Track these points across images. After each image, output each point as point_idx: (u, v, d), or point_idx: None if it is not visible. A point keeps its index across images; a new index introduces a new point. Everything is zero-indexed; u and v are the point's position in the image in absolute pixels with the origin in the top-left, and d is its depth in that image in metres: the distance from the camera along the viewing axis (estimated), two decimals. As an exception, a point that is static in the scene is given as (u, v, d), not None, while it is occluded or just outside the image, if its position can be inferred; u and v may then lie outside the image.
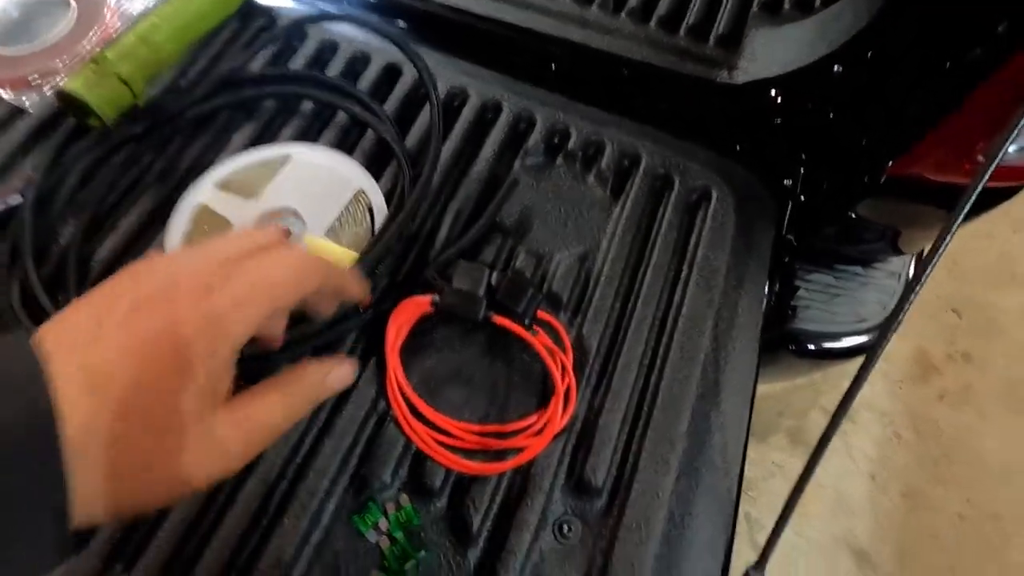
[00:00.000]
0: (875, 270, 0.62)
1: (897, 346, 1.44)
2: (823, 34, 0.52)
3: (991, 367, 1.37)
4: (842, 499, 1.23)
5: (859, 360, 0.41)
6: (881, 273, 0.62)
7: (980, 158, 0.41)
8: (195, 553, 0.35)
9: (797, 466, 0.67)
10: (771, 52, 0.56)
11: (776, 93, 0.54)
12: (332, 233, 0.44)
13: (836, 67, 0.49)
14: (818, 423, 1.23)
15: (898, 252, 0.61)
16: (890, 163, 0.45)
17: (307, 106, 0.51)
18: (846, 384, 0.38)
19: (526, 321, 0.40)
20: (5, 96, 0.47)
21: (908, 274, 0.62)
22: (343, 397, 0.39)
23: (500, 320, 0.40)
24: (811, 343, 0.59)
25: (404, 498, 0.37)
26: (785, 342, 0.60)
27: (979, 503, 1.22)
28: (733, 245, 0.46)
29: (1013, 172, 0.42)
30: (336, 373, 0.28)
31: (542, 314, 0.42)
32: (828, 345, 0.59)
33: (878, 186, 0.47)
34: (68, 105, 0.44)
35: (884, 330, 0.37)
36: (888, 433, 1.31)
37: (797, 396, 1.33)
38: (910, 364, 1.39)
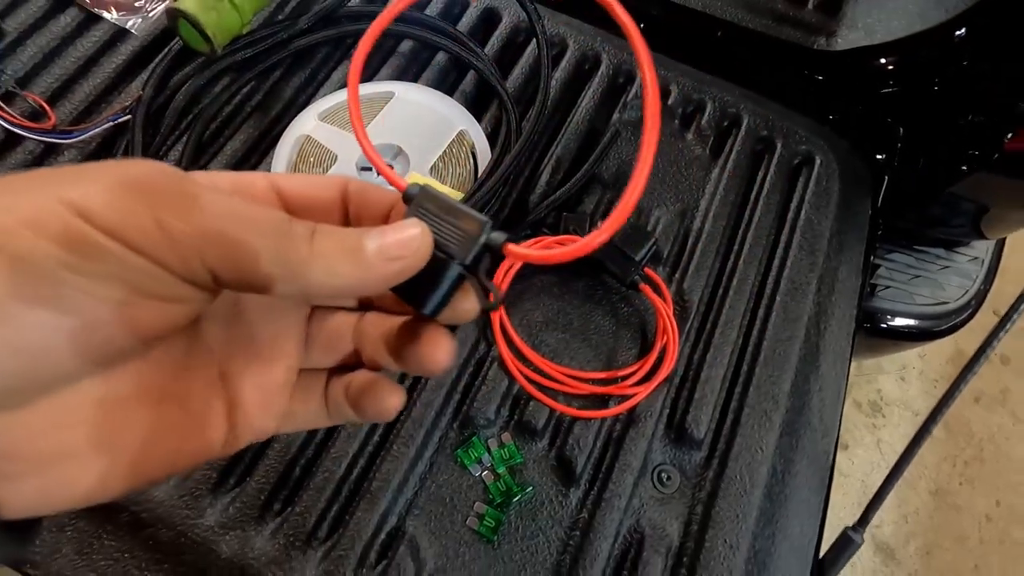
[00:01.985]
0: (957, 254, 0.61)
1: (936, 345, 1.42)
2: (939, 1, 0.50)
3: (1029, 372, 1.36)
4: (869, 492, 1.23)
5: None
6: (963, 257, 0.61)
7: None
8: (305, 471, 0.35)
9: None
10: (874, 18, 0.54)
11: (879, 62, 0.53)
12: (435, 173, 0.43)
13: (957, 33, 0.47)
14: (848, 416, 1.22)
15: (981, 236, 0.60)
16: (1009, 136, 0.44)
17: (406, 45, 0.50)
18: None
19: (639, 273, 0.39)
20: (109, 17, 0.47)
21: (989, 260, 0.61)
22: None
23: (645, 287, 0.40)
24: (886, 323, 0.58)
25: (507, 436, 0.37)
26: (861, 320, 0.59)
27: (1008, 505, 1.22)
28: (836, 212, 0.46)
29: None
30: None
31: (646, 269, 0.41)
32: (903, 323, 0.58)
33: (990, 162, 0.46)
34: (177, 26, 0.44)
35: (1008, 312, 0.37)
36: (920, 431, 1.30)
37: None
38: (947, 364, 1.38)
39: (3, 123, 0.42)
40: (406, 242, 0.16)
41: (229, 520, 0.33)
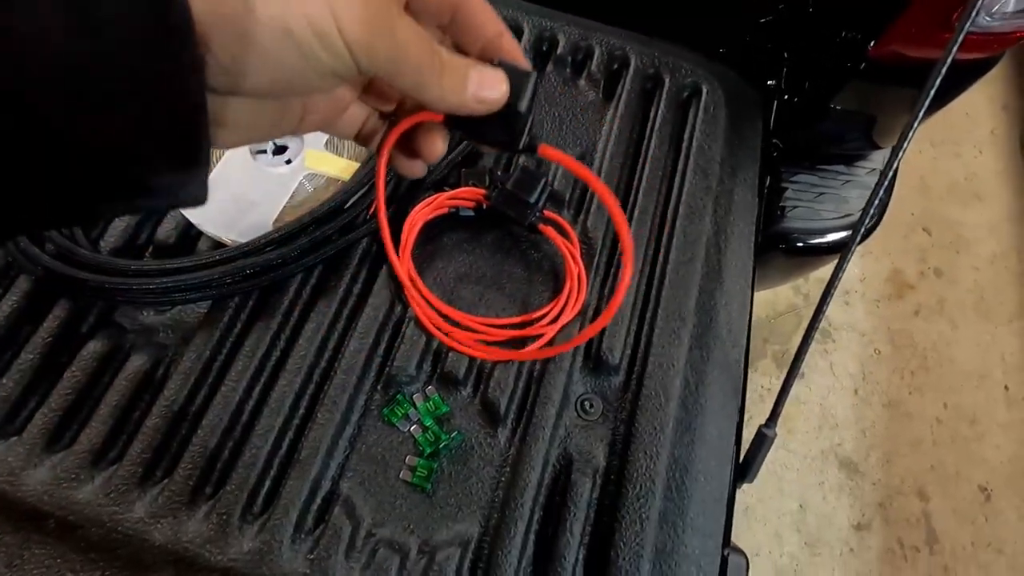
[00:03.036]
0: (857, 168, 0.64)
1: (874, 268, 1.49)
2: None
3: (961, 280, 1.44)
4: (827, 414, 1.29)
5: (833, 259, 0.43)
6: (862, 171, 0.64)
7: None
8: (234, 452, 0.35)
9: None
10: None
11: (756, -9, 0.55)
12: (331, 146, 0.43)
13: (815, -47, 0.50)
14: (803, 344, 1.28)
15: (875, 147, 0.63)
16: (871, 44, 0.46)
17: None
18: (828, 308, 0.40)
19: (536, 214, 0.41)
20: None
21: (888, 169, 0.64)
22: (360, 299, 0.40)
23: (545, 228, 0.41)
24: (800, 241, 0.61)
25: (431, 389, 0.38)
26: (775, 242, 0.62)
27: (955, 406, 1.29)
28: (726, 137, 0.48)
29: (988, 41, 0.44)
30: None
31: (547, 212, 0.43)
32: (816, 241, 0.61)
33: (858, 71, 0.48)
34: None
35: (863, 215, 0.39)
36: (869, 350, 1.37)
37: (781, 322, 1.38)
38: (886, 284, 1.45)
39: None
40: (495, 95, 0.22)
41: (159, 509, 0.33)
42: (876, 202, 0.42)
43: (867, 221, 0.56)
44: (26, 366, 0.36)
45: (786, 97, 0.56)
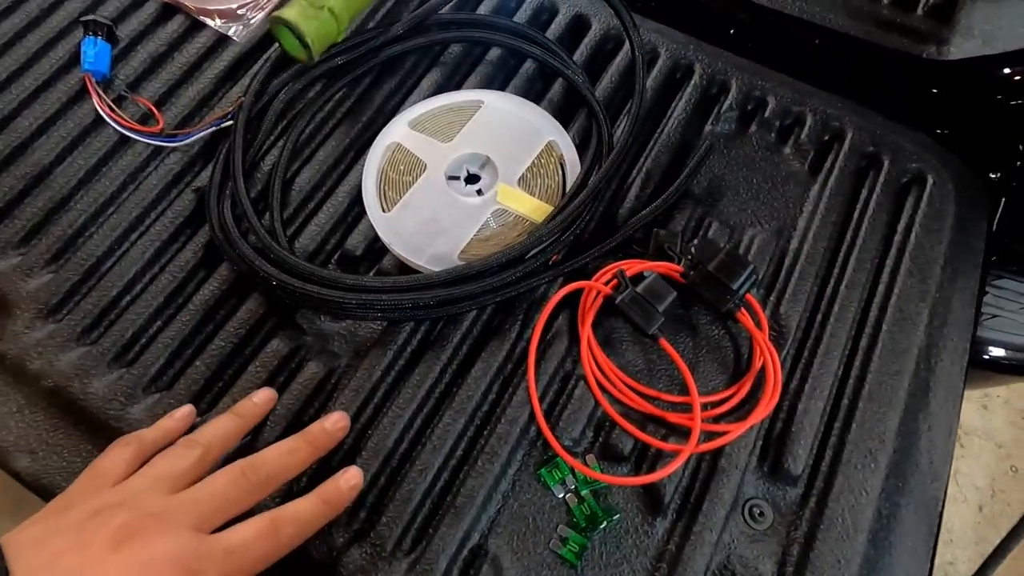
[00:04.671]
0: (1075, 283, 0.55)
1: (1025, 374, 1.32)
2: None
3: None
4: (945, 527, 1.16)
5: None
6: (1082, 287, 0.55)
7: None
8: (390, 481, 0.35)
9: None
10: (994, 26, 0.50)
11: (1001, 72, 0.49)
12: (523, 184, 0.43)
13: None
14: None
15: (1104, 265, 0.54)
16: None
17: (494, 53, 0.50)
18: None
19: (736, 302, 0.38)
20: (213, 25, 0.49)
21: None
22: (540, 351, 0.39)
23: (741, 316, 0.38)
24: (993, 353, 0.54)
25: (591, 459, 0.36)
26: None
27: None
28: (951, 236, 0.42)
29: None
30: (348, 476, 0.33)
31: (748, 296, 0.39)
32: (1013, 356, 0.54)
33: None
34: (277, 34, 0.45)
35: None
36: (1004, 466, 1.22)
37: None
38: (1036, 395, 1.28)
39: (117, 126, 0.44)
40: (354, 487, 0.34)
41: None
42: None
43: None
44: (217, 352, 0.38)
45: (1014, 195, 0.49)
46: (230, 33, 0.49)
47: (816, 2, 0.53)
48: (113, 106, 0.45)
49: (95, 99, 0.45)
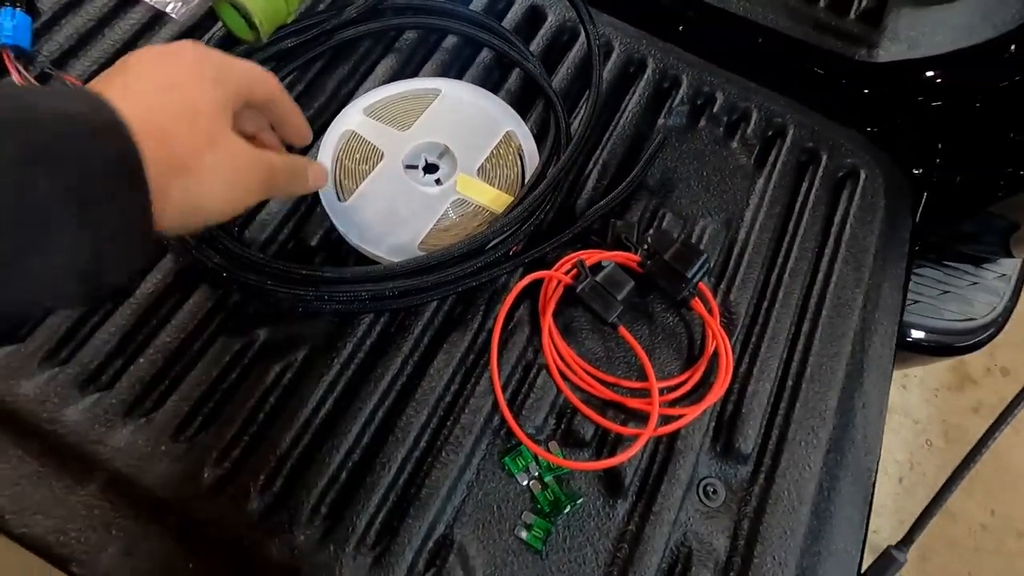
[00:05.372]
0: (985, 271, 0.61)
1: (938, 354, 1.43)
2: (986, 16, 0.50)
3: (1029, 384, 1.37)
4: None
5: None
6: (991, 274, 0.61)
7: None
8: (352, 475, 0.35)
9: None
10: (918, 31, 0.54)
11: (924, 75, 0.52)
12: (483, 174, 0.42)
13: (1007, 50, 0.47)
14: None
15: (1009, 254, 0.60)
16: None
17: (449, 41, 0.49)
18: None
19: (691, 290, 0.39)
20: (148, 0, 0.46)
21: (1016, 277, 0.61)
22: (491, 335, 0.39)
23: (695, 304, 0.39)
24: (916, 336, 0.59)
25: (554, 445, 0.37)
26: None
27: (1003, 515, 1.23)
28: (881, 227, 0.45)
29: None
30: (315, 171, 0.36)
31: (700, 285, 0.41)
32: (933, 339, 0.59)
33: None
34: (220, 12, 0.42)
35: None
36: (920, 440, 1.32)
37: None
38: (948, 374, 1.39)
39: (40, 107, 0.40)
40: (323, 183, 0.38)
41: (272, 526, 0.32)
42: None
43: (991, 329, 0.53)
44: (162, 348, 0.36)
45: (934, 190, 0.54)
46: (168, 10, 0.46)
47: (759, 3, 0.55)
48: (36, 84, 0.41)
49: (15, 76, 0.41)
